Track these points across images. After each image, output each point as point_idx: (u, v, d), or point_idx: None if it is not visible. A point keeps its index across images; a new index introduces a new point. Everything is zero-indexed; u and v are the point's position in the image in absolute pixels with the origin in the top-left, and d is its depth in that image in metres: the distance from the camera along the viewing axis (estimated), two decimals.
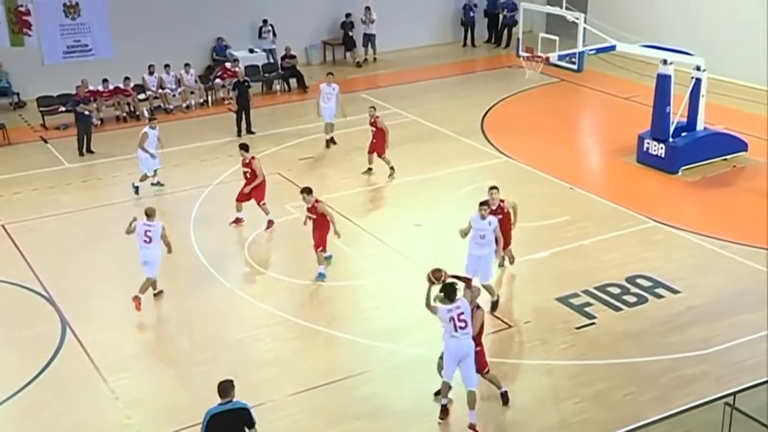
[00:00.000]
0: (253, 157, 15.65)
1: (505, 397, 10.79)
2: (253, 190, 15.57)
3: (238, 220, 15.83)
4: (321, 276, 13.87)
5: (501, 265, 13.83)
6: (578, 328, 12.44)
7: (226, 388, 8.63)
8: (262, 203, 15.64)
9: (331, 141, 19.79)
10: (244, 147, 15.81)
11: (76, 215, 16.69)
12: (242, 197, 15.68)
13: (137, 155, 17.39)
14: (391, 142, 17.96)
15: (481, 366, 10.44)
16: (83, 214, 16.77)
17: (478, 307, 10.49)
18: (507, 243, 13.47)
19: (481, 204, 12.70)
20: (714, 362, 11.57)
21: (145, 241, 13.11)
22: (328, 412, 10.83)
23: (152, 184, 17.58)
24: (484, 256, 12.70)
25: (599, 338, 12.22)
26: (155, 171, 17.54)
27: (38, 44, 23.26)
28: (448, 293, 10.11)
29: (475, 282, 11.29)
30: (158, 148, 17.48)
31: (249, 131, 20.76)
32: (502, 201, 13.21)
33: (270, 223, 15.68)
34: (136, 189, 17.32)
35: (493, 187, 13.24)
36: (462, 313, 10.02)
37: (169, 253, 13.50)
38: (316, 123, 21.00)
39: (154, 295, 13.43)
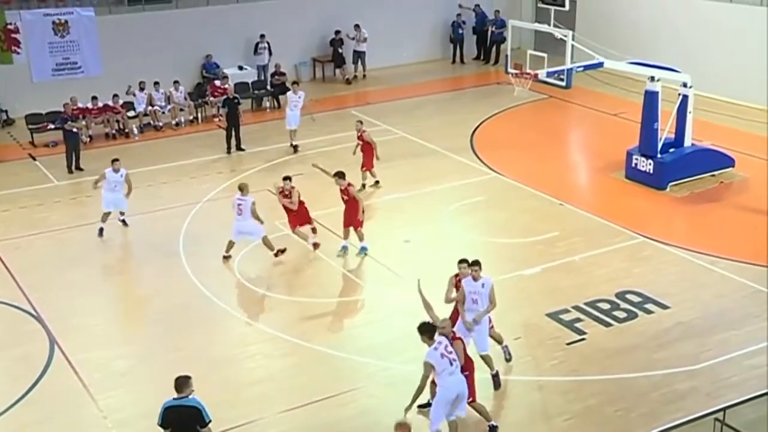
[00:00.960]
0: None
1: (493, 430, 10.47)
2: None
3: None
4: (364, 249, 15.01)
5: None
6: (568, 343, 12.45)
7: (181, 383, 8.91)
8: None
9: (294, 147, 20.56)
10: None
11: (65, 233, 16.62)
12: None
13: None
14: (381, 158, 18.00)
15: (469, 394, 10.09)
16: (72, 231, 16.70)
17: (455, 336, 10.10)
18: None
19: (472, 264, 11.16)
20: (703, 377, 11.59)
21: (237, 213, 14.78)
22: (318, 429, 10.78)
23: (119, 220, 16.57)
24: (480, 322, 11.20)
25: (590, 354, 12.22)
26: (122, 212, 16.58)
27: (27, 62, 23.22)
28: (427, 331, 9.66)
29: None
30: (125, 191, 16.34)
31: (239, 148, 20.78)
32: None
33: (316, 245, 15.41)
34: (100, 231, 16.19)
35: (462, 261, 11.41)
36: (447, 346, 9.63)
37: (261, 224, 14.87)
38: (306, 140, 21.07)
39: (276, 254, 14.84)
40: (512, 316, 13.35)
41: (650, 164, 17.91)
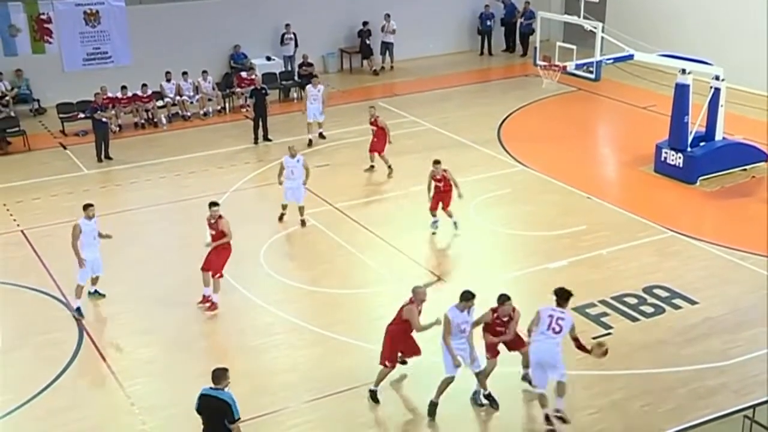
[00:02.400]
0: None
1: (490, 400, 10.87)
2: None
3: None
4: (435, 224, 15.59)
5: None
6: (594, 338, 12.33)
7: (218, 375, 8.97)
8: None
9: (319, 136, 20.73)
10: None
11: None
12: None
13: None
14: (408, 151, 17.96)
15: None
16: (101, 220, 16.71)
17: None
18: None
19: (464, 296, 10.52)
20: (732, 374, 11.45)
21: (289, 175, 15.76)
22: (342, 420, 10.81)
23: (90, 292, 13.65)
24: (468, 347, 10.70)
25: (616, 348, 12.09)
26: (96, 278, 13.60)
27: (59, 51, 23.49)
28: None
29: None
30: (97, 238, 13.41)
31: (266, 138, 20.86)
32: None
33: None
34: (78, 310, 13.21)
35: (419, 288, 11.13)
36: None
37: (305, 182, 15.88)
38: (331, 131, 21.10)
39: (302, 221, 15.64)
40: (536, 308, 13.26)
41: (680, 158, 17.70)
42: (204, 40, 24.49)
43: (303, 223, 16.14)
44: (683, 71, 17.63)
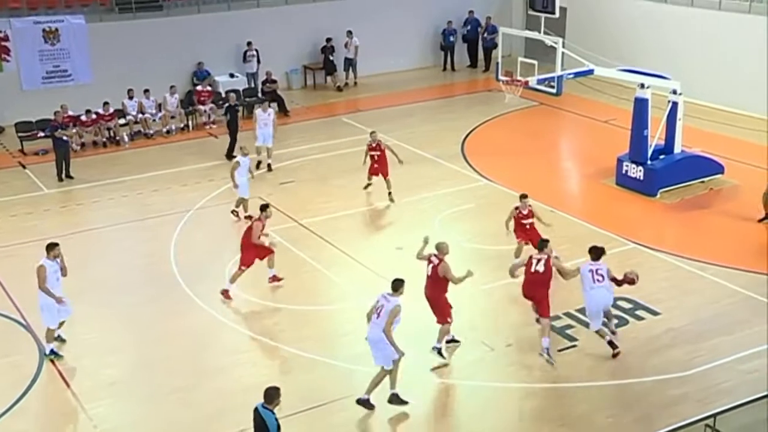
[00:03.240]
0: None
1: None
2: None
3: None
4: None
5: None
6: (560, 350, 12.45)
7: (269, 394, 9.01)
8: None
9: (267, 167, 19.87)
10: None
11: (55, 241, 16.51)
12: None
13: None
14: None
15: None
16: (62, 240, 16.51)
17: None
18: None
19: (394, 285, 11.14)
20: (694, 384, 11.61)
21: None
22: None
23: (48, 353, 12.52)
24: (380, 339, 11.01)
25: (581, 360, 12.23)
26: (61, 322, 12.69)
27: (17, 69, 23.17)
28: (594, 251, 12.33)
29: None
30: (60, 279, 12.60)
31: (229, 156, 20.72)
32: None
33: None
34: (53, 352, 12.51)
35: (442, 243, 12.35)
36: (598, 269, 12.19)
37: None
38: (296, 147, 21.08)
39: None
40: (503, 322, 13.36)
41: (641, 171, 17.97)
42: (166, 58, 24.35)
43: (249, 217, 16.39)
44: (642, 86, 17.93)
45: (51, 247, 12.58)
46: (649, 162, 17.95)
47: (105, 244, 16.50)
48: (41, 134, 21.39)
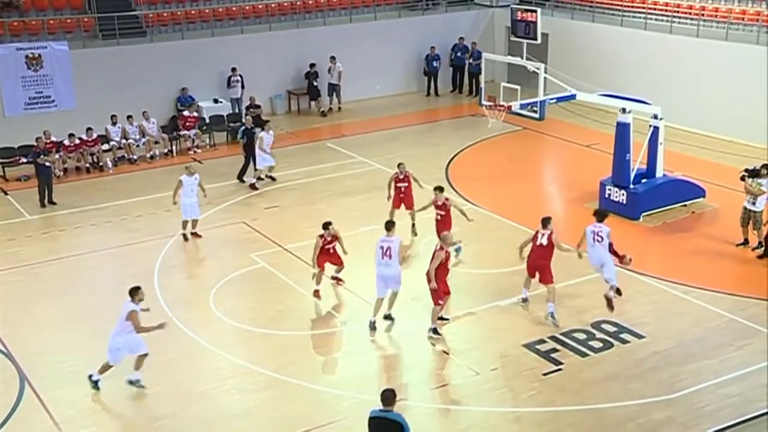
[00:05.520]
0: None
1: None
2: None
3: None
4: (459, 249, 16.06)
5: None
6: (545, 374, 12.45)
7: (388, 397, 8.96)
8: None
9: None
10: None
11: (36, 268, 16.42)
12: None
13: None
14: (356, 191, 18.02)
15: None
16: (44, 266, 16.50)
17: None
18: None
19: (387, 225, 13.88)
20: (679, 407, 11.63)
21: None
22: None
23: (130, 381, 12.28)
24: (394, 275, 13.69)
25: (566, 384, 12.24)
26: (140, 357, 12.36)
27: None
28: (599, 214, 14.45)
29: None
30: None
31: (240, 178, 20.78)
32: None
33: None
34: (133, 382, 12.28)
35: (447, 234, 13.97)
36: (598, 231, 13.99)
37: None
38: (281, 172, 21.08)
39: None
40: (489, 347, 13.36)
41: (623, 195, 18.11)
42: (150, 83, 24.35)
43: (196, 234, 17.25)
44: (623, 110, 18.12)
45: (136, 291, 12.07)
46: (631, 186, 18.10)
47: (88, 271, 16.39)
48: (23, 160, 21.30)
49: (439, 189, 15.95)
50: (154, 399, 12.19)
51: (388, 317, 13.93)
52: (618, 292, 14.03)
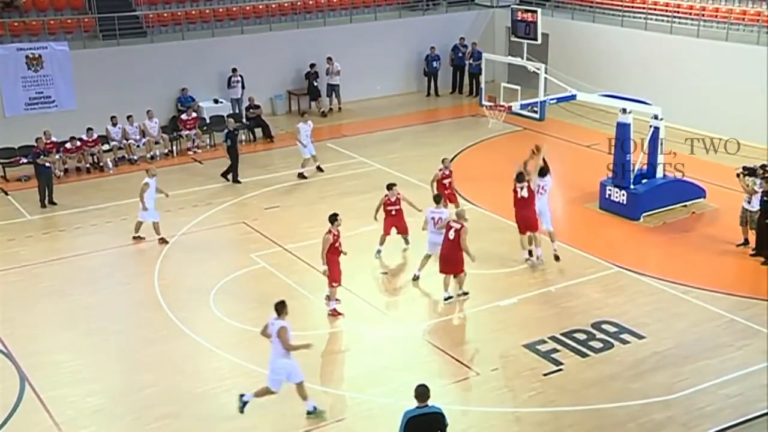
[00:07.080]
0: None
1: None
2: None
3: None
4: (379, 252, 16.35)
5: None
6: (545, 374, 12.45)
7: (422, 392, 8.87)
8: None
9: (318, 168, 21.02)
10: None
11: (37, 268, 16.42)
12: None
13: None
14: (356, 191, 18.01)
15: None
16: (44, 266, 16.50)
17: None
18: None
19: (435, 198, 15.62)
20: (679, 407, 11.63)
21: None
22: None
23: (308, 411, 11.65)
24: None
25: (566, 385, 12.23)
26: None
27: None
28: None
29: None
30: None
31: (235, 180, 20.82)
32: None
33: None
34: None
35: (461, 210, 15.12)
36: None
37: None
38: (281, 172, 21.09)
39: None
40: (489, 347, 13.36)
41: (623, 195, 18.11)
42: (150, 84, 24.35)
43: (163, 240, 17.19)
44: (623, 110, 18.11)
45: (282, 305, 11.33)
46: (632, 186, 18.10)
47: (88, 271, 16.39)
48: (23, 161, 21.30)
49: (392, 186, 16.48)
50: (155, 399, 12.19)
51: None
52: (551, 237, 15.84)
